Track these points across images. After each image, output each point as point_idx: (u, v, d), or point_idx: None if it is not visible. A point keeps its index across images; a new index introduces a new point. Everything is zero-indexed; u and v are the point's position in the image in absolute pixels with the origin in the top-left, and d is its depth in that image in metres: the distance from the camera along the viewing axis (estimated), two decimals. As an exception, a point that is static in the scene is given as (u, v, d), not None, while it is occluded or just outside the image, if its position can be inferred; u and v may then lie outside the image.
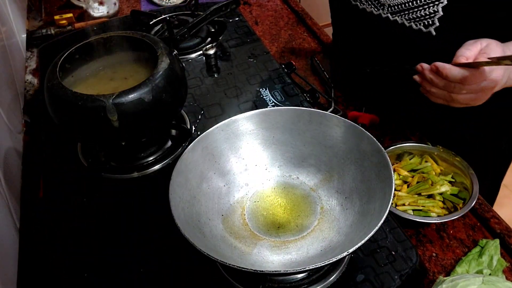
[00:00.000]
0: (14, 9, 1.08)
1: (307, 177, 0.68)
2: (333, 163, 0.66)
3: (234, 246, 0.60)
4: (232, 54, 0.98)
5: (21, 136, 0.87)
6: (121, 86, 0.71)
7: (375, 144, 0.60)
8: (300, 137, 0.68)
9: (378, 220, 0.52)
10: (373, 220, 0.54)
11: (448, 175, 0.74)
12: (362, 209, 0.60)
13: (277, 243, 0.61)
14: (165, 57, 0.69)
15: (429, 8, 0.73)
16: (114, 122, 0.63)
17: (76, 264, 0.64)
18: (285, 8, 1.24)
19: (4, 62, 0.87)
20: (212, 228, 0.61)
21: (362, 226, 0.57)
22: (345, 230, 0.60)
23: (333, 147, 0.66)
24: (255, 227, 0.63)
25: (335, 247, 0.58)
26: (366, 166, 0.61)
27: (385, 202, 0.55)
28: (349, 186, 0.63)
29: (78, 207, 0.71)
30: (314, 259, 0.57)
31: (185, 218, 0.57)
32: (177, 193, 0.58)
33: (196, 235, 0.55)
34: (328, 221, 0.62)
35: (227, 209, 0.65)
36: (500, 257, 0.65)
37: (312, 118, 0.67)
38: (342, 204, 0.63)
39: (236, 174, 0.68)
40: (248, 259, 0.58)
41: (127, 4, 1.30)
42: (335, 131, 0.66)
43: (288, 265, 0.58)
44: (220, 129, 0.67)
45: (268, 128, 0.69)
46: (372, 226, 0.52)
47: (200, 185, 0.63)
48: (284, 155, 0.69)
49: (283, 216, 0.64)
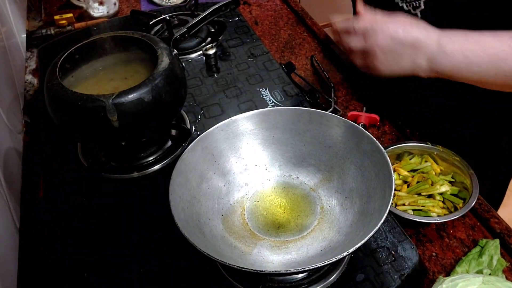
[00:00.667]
0: (14, 9, 1.08)
1: (307, 177, 0.68)
2: (333, 163, 0.66)
3: (234, 246, 0.60)
4: (232, 54, 0.98)
5: (21, 136, 0.87)
6: (121, 86, 0.71)
7: (374, 144, 0.61)
8: (300, 137, 0.68)
9: (378, 219, 0.52)
10: (373, 220, 0.54)
11: (448, 175, 0.74)
12: (362, 208, 0.60)
13: (277, 243, 0.61)
14: (165, 57, 0.69)
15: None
16: (114, 122, 0.63)
17: (76, 264, 0.64)
18: (284, 8, 1.24)
19: (4, 62, 0.87)
20: (212, 228, 0.61)
21: (362, 225, 0.57)
22: (345, 230, 0.60)
23: (333, 147, 0.66)
24: (255, 227, 0.63)
25: (335, 247, 0.58)
26: (366, 166, 0.61)
27: (385, 202, 0.55)
28: (349, 186, 0.63)
29: (78, 207, 0.71)
30: (314, 259, 0.57)
31: (185, 218, 0.57)
32: (177, 193, 0.58)
33: (196, 235, 0.55)
34: (328, 221, 0.62)
35: (227, 209, 0.65)
36: (500, 257, 0.65)
37: (312, 118, 0.67)
38: (342, 204, 0.63)
39: (236, 174, 0.68)
40: (248, 259, 0.58)
41: (127, 4, 1.30)
42: (335, 131, 0.66)
43: (288, 265, 0.58)
44: (220, 129, 0.67)
45: (268, 128, 0.69)
46: (372, 226, 0.52)
47: (200, 185, 0.63)
48: (284, 155, 0.69)
49: (283, 216, 0.64)
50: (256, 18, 1.20)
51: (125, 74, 0.74)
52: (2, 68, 0.85)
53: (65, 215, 0.70)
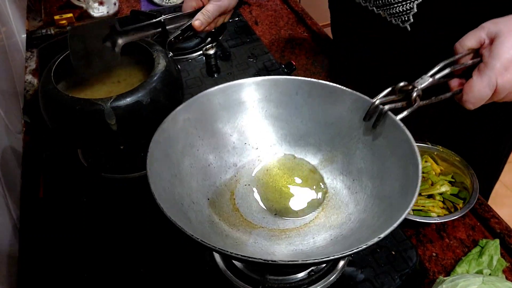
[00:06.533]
0: (14, 9, 1.08)
1: (306, 158, 0.61)
2: (336, 142, 0.58)
3: (226, 235, 0.53)
4: (232, 54, 0.98)
5: (21, 136, 0.87)
6: (115, 90, 0.70)
7: (390, 118, 0.53)
8: (297, 112, 0.60)
9: (405, 200, 0.46)
10: (396, 203, 0.48)
11: (448, 175, 0.74)
12: (377, 192, 0.53)
13: (276, 232, 0.54)
14: (161, 59, 0.69)
15: (406, 5, 0.74)
16: (113, 126, 0.63)
17: (76, 264, 0.64)
18: (285, 8, 1.24)
19: (4, 62, 0.87)
20: (198, 214, 0.53)
21: (381, 210, 0.50)
22: (357, 216, 0.53)
23: (336, 124, 0.58)
24: (248, 214, 0.56)
25: (347, 235, 0.51)
26: (379, 144, 0.54)
27: (410, 181, 0.48)
28: (357, 167, 0.56)
29: (78, 207, 0.71)
30: (327, 249, 0.51)
31: (167, 199, 0.49)
32: (156, 170, 0.50)
33: (182, 221, 0.46)
34: (334, 207, 0.56)
35: (213, 191, 0.57)
36: (500, 257, 0.65)
37: (312, 91, 0.59)
38: (350, 187, 0.56)
39: (223, 152, 0.60)
40: (244, 250, 0.51)
41: (127, 4, 1.30)
42: (339, 105, 0.58)
43: (295, 256, 0.51)
44: (206, 98, 0.58)
45: (260, 101, 0.61)
46: (398, 209, 0.46)
47: (182, 162, 0.55)
48: (279, 133, 0.62)
49: (279, 202, 0.57)
50: (256, 18, 1.20)
51: (117, 77, 0.73)
52: (2, 68, 0.85)
53: (65, 215, 0.70)
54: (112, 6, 1.23)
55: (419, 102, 0.55)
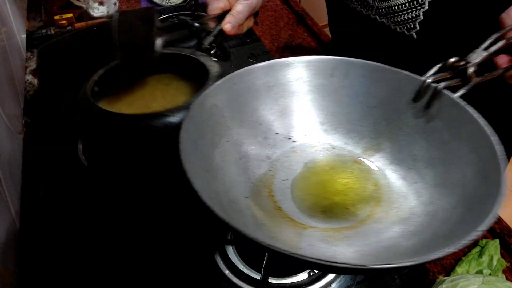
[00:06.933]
0: (14, 9, 1.08)
1: (347, 147, 0.54)
2: (381, 127, 0.53)
3: (274, 237, 0.46)
4: (232, 54, 0.98)
5: (21, 136, 0.87)
6: (162, 104, 0.62)
7: (447, 97, 0.48)
8: (333, 97, 0.54)
9: (486, 187, 0.40)
10: (473, 191, 0.42)
11: (448, 175, 0.74)
12: (442, 180, 0.47)
13: (330, 232, 0.47)
14: (211, 64, 0.62)
15: (412, 13, 0.73)
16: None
17: (76, 264, 0.64)
18: (285, 8, 1.24)
19: (4, 63, 0.87)
20: (239, 214, 0.47)
21: (453, 199, 0.44)
22: (424, 209, 0.47)
23: (380, 107, 0.52)
24: (293, 212, 0.49)
25: (420, 230, 0.45)
26: (433, 126, 0.49)
27: (488, 166, 0.42)
28: (410, 154, 0.51)
29: (78, 207, 0.71)
30: (399, 249, 0.44)
31: (209, 197, 0.40)
32: (192, 163, 0.43)
33: (238, 223, 0.38)
34: (390, 201, 0.49)
35: (249, 189, 0.50)
36: (500, 257, 0.65)
37: (350, 71, 0.53)
38: (405, 177, 0.50)
39: (253, 144, 0.53)
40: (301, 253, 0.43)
41: (127, 4, 1.30)
42: (382, 86, 0.52)
43: (363, 259, 0.44)
44: (232, 82, 0.52)
45: (289, 84, 0.54)
46: (480, 197, 0.40)
47: (212, 155, 0.49)
48: (313, 120, 0.55)
49: (326, 197, 0.50)
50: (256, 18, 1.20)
51: (152, 86, 0.66)
52: (2, 68, 0.85)
53: (65, 214, 0.70)
54: (112, 6, 1.23)
55: (475, 78, 0.49)
